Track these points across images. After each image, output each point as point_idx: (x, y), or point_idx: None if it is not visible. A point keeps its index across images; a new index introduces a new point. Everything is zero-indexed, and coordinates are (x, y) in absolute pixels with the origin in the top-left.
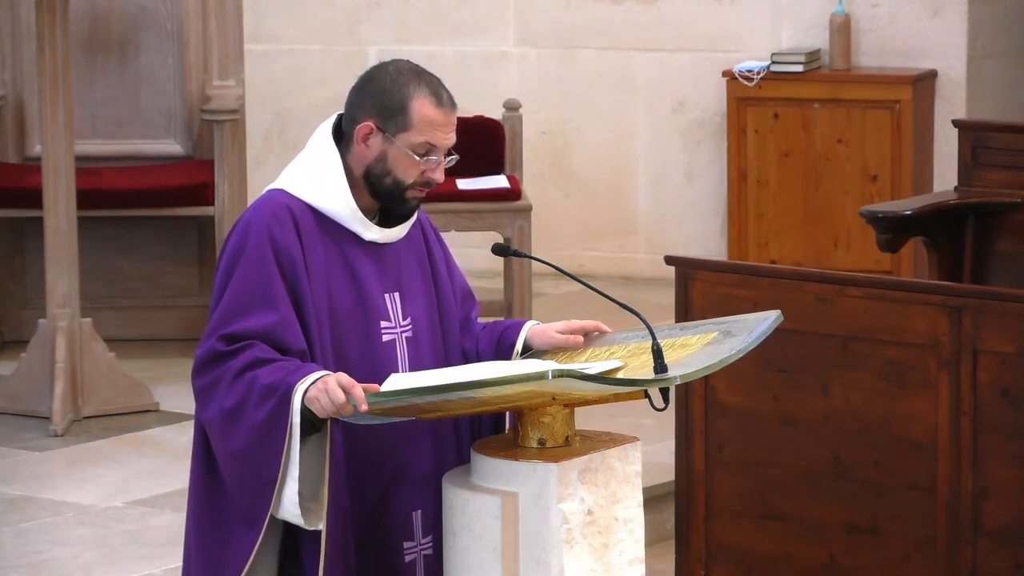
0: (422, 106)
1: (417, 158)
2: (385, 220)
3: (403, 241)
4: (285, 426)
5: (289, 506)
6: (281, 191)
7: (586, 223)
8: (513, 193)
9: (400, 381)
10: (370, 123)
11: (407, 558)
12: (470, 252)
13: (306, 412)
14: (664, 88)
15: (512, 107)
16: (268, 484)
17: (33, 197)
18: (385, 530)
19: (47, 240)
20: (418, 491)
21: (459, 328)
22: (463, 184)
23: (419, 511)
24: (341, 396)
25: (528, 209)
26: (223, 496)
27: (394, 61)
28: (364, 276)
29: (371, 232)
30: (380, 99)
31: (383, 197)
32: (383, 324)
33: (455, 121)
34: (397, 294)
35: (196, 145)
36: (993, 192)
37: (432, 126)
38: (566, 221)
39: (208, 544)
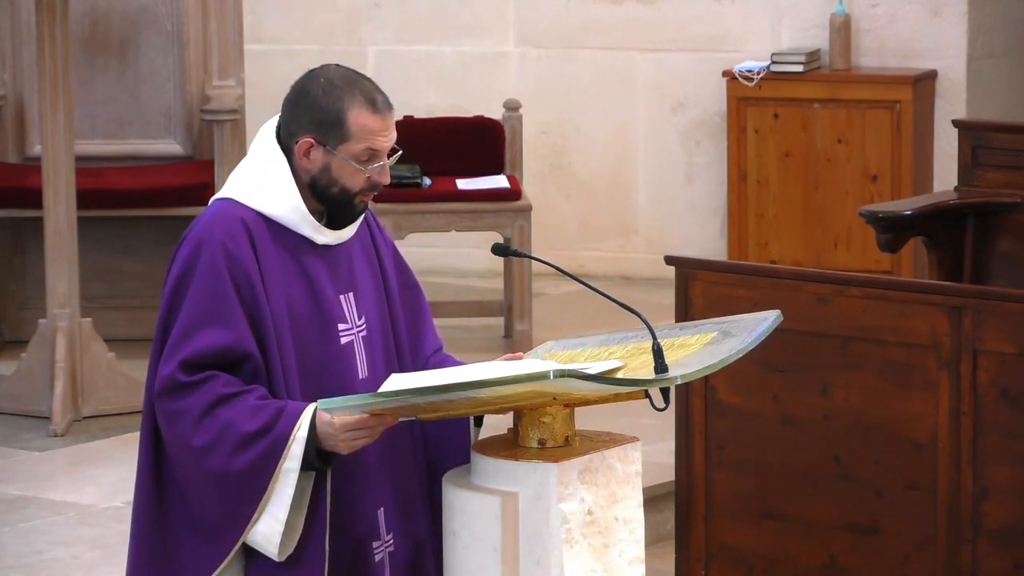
0: (359, 116)
1: (360, 166)
2: (333, 221)
3: (352, 239)
4: (270, 471)
5: (263, 542)
6: (231, 201)
7: (586, 223)
8: (513, 193)
9: (401, 381)
10: (309, 139)
11: (376, 557)
12: (470, 252)
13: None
14: (664, 88)
15: (512, 107)
16: (243, 517)
17: (33, 197)
18: (358, 530)
19: (47, 240)
20: (381, 488)
21: (411, 321)
22: (463, 184)
23: (382, 508)
24: (366, 435)
25: (528, 209)
26: (174, 507)
27: (324, 68)
28: (319, 281)
29: (323, 235)
30: (315, 114)
31: (331, 206)
32: (340, 327)
33: (393, 122)
34: (351, 294)
35: (196, 145)
36: (993, 192)
37: (371, 133)
38: (566, 221)
39: (160, 557)
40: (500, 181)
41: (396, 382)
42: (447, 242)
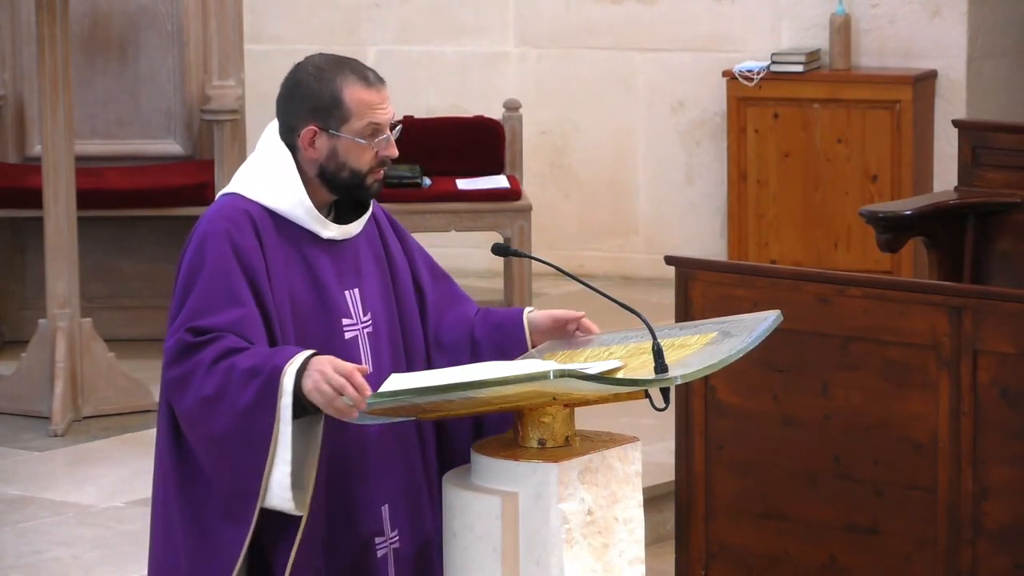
0: (354, 92)
1: (366, 142)
2: (341, 216)
3: (359, 235)
4: (271, 409)
5: (279, 490)
6: (236, 196)
7: (586, 223)
8: (513, 193)
9: (401, 381)
10: (311, 127)
11: (379, 553)
12: (470, 252)
13: (298, 394)
14: (664, 88)
15: (512, 107)
16: (255, 471)
17: (33, 197)
18: (359, 526)
19: (47, 240)
20: (385, 485)
21: (440, 307)
22: (463, 184)
23: (387, 505)
24: (343, 387)
25: (528, 209)
26: (202, 492)
27: (310, 59)
28: (323, 275)
29: (329, 230)
30: (312, 101)
31: (344, 190)
32: (345, 322)
33: (388, 94)
34: (357, 290)
35: (196, 145)
36: (993, 192)
37: (370, 107)
38: (566, 221)
39: (195, 544)
40: (500, 181)
41: (396, 382)
42: (447, 242)
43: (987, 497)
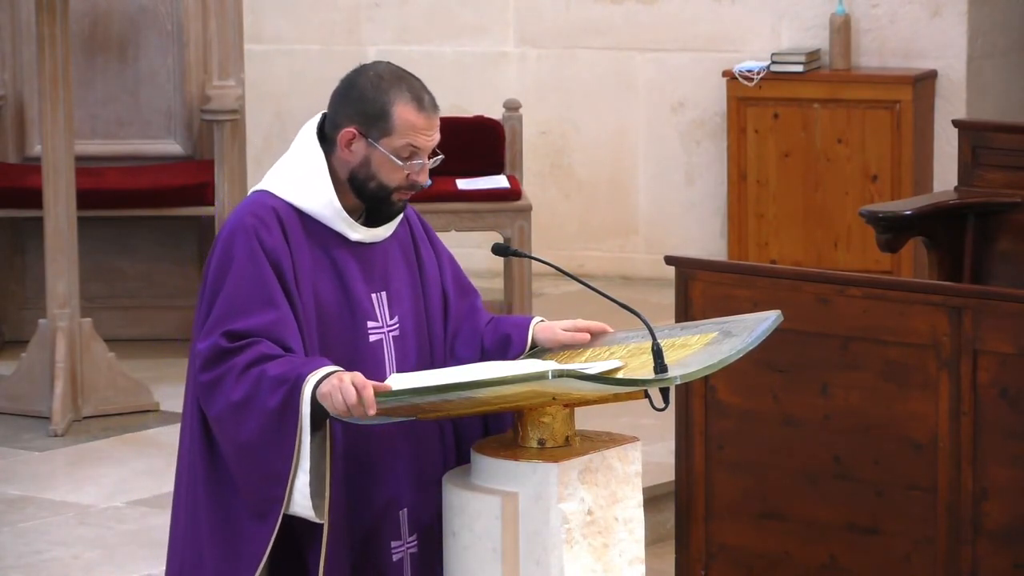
0: (403, 111)
1: (400, 162)
2: (371, 220)
3: (389, 238)
4: (295, 417)
5: (300, 499)
6: (266, 192)
7: (586, 223)
8: (513, 193)
9: (401, 381)
10: (352, 129)
11: (395, 556)
12: (470, 252)
13: (315, 406)
14: (664, 88)
15: (512, 107)
16: (280, 477)
17: (33, 197)
18: (375, 529)
19: (47, 240)
20: (404, 488)
21: (459, 320)
22: (463, 184)
23: (405, 509)
24: (353, 395)
25: (528, 209)
26: (230, 492)
27: (375, 64)
28: (350, 277)
29: (357, 232)
30: (362, 105)
31: (368, 200)
32: (370, 324)
33: (438, 123)
34: (384, 293)
35: (196, 145)
36: (993, 192)
37: (414, 130)
38: (566, 221)
39: (222, 540)
40: (500, 181)
41: (396, 382)
42: (447, 242)
43: (987, 497)
